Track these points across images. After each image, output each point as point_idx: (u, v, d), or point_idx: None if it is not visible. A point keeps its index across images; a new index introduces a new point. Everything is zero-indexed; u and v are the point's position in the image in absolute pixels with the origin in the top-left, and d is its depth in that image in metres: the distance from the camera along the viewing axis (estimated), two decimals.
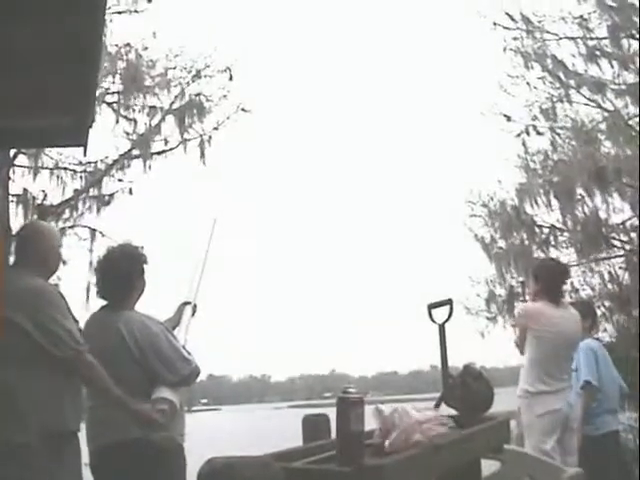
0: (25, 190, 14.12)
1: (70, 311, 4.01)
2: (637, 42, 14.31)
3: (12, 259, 4.34)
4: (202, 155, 15.53)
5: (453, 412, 3.88)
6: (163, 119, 15.40)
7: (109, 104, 14.95)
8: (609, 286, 14.56)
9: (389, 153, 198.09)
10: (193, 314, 4.89)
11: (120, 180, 15.09)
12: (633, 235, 14.66)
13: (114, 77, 14.80)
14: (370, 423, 3.00)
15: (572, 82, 15.14)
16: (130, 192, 15.08)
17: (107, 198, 14.96)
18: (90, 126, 5.75)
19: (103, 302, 4.35)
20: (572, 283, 14.54)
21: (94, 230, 14.91)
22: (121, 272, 4.28)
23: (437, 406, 3.84)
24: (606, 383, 6.37)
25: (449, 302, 4.14)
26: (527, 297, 6.10)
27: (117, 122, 14.97)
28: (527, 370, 5.73)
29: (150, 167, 15.04)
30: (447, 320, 4.08)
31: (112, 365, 3.91)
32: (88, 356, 3.87)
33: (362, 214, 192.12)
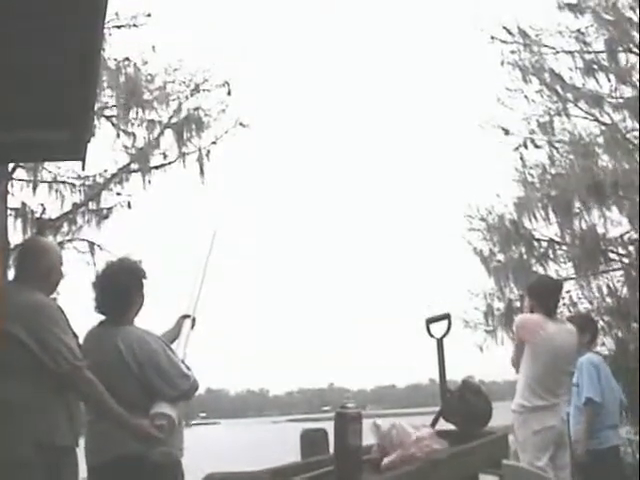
0: (24, 204, 14.14)
1: (70, 326, 4.01)
2: (634, 55, 14.36)
3: (11, 273, 4.33)
4: (201, 172, 15.56)
5: (452, 427, 3.88)
6: (162, 133, 15.43)
7: (108, 118, 14.98)
8: (608, 300, 14.55)
9: (388, 166, 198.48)
10: (192, 327, 4.87)
11: (119, 194, 15.11)
12: (631, 248, 14.66)
13: (113, 91, 14.83)
14: (368, 438, 3.00)
15: (570, 96, 15.17)
16: (129, 206, 15.10)
17: (106, 212, 14.97)
18: (89, 140, 5.76)
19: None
20: (570, 297, 14.57)
21: (93, 244, 14.93)
22: (120, 287, 4.26)
23: (434, 424, 3.83)
24: (608, 399, 6.34)
25: (447, 317, 4.14)
26: (524, 312, 6.03)
27: (118, 136, 15.02)
28: (523, 384, 5.71)
29: (150, 182, 15.08)
30: (445, 335, 4.08)
31: (110, 380, 3.90)
32: (87, 372, 3.87)
33: (360, 228, 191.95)
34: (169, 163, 15.44)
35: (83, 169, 11.03)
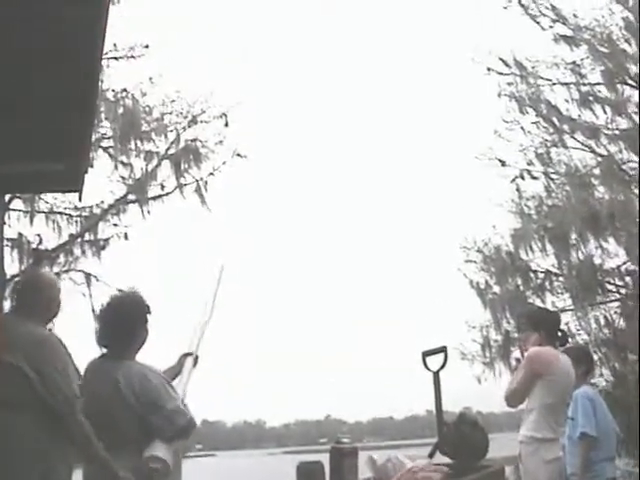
0: (20, 234, 14.14)
1: (72, 360, 4.00)
2: (629, 87, 14.46)
3: (8, 304, 4.32)
4: (203, 202, 15.58)
5: (448, 460, 3.86)
6: (159, 164, 15.44)
7: (105, 149, 14.99)
8: (605, 331, 14.55)
9: (384, 199, 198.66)
10: (195, 365, 4.81)
11: (116, 225, 15.14)
12: (628, 279, 14.68)
13: (111, 122, 14.85)
14: (364, 471, 2.98)
15: (566, 127, 15.26)
16: (125, 237, 15.09)
17: (103, 243, 14.97)
18: (85, 172, 5.77)
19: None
20: (568, 328, 14.55)
21: (89, 275, 14.90)
22: (124, 321, 4.19)
23: (431, 456, 3.80)
24: (603, 431, 6.32)
25: (443, 350, 4.12)
26: (529, 347, 5.91)
27: (116, 168, 15.01)
28: (536, 416, 5.63)
29: (149, 212, 15.09)
30: (442, 368, 4.06)
31: (108, 415, 3.87)
32: (80, 415, 3.85)
33: (357, 262, 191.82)
34: (167, 194, 15.45)
35: (80, 200, 11.01)
